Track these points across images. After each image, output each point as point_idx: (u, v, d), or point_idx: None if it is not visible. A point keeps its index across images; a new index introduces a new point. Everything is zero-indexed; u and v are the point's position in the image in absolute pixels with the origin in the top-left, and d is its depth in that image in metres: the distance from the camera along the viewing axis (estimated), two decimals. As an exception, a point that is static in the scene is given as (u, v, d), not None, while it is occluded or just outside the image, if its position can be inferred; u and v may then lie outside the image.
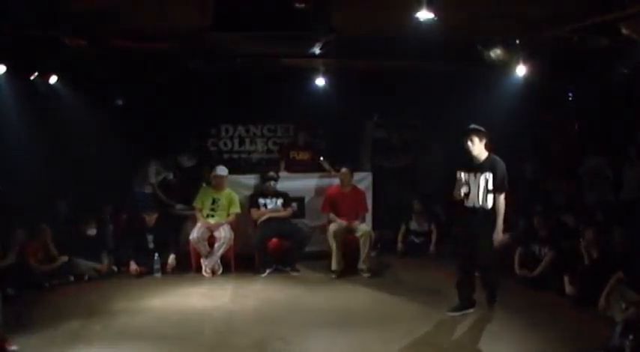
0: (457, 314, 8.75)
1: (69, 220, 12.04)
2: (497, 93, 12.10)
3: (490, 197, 8.43)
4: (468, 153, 8.63)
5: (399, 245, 13.20)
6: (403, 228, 13.33)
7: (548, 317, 8.66)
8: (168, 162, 13.27)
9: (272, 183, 12.10)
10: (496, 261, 9.06)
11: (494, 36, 10.68)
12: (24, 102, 11.54)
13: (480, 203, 8.45)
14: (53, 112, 12.39)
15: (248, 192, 12.35)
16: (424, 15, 8.04)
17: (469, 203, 8.59)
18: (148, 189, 12.98)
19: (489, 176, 8.42)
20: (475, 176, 8.53)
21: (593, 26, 9.44)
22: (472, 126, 8.58)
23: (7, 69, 10.46)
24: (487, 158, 8.53)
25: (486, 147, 8.58)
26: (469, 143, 8.47)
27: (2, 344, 7.31)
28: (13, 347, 7.39)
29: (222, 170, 12.02)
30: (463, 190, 8.59)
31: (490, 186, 8.42)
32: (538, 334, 8.00)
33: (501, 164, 8.48)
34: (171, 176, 13.30)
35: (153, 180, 12.99)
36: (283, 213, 11.91)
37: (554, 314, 8.86)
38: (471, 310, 8.81)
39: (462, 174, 8.68)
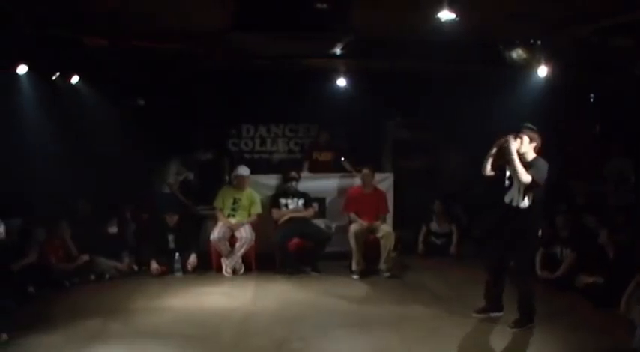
0: (482, 315, 8.64)
1: (90, 219, 12.07)
2: (518, 94, 12.02)
3: (527, 195, 8.26)
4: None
5: (420, 246, 13.19)
6: (424, 229, 13.30)
7: (569, 319, 8.55)
8: (189, 162, 13.25)
9: (293, 183, 12.11)
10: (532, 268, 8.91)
11: (515, 36, 10.63)
12: (45, 102, 11.55)
13: (518, 201, 8.28)
14: (75, 112, 12.40)
15: (269, 192, 12.39)
16: (446, 15, 8.04)
17: (507, 198, 8.39)
18: (168, 189, 12.97)
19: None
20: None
21: (615, 26, 9.39)
22: (527, 124, 8.40)
23: (29, 69, 10.47)
24: (533, 159, 8.32)
25: (535, 149, 8.34)
26: (517, 139, 8.28)
27: None
28: (4, 337, 7.44)
29: (243, 170, 12.02)
30: (507, 183, 8.41)
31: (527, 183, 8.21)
32: (559, 336, 7.92)
33: (544, 166, 8.26)
34: (191, 176, 13.28)
35: (171, 179, 12.96)
36: (304, 214, 11.92)
37: (576, 316, 8.77)
38: (499, 314, 8.62)
39: (507, 170, 8.50)
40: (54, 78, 11.40)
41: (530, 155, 8.26)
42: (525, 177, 7.92)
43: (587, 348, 7.60)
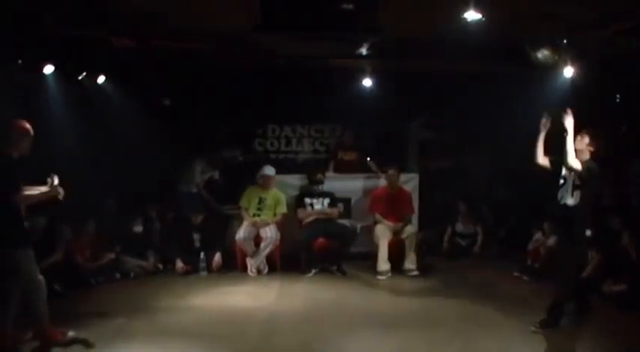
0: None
1: (116, 218, 12.15)
2: (544, 95, 11.95)
3: (576, 193, 8.09)
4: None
5: (445, 246, 13.18)
6: (449, 229, 13.29)
7: (594, 322, 8.49)
8: (214, 161, 13.28)
9: (319, 186, 12.12)
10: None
11: (541, 36, 10.58)
12: (72, 101, 11.60)
13: (566, 198, 8.17)
14: (101, 112, 12.46)
15: (294, 192, 12.42)
16: (471, 15, 8.02)
17: (559, 195, 8.24)
18: (194, 189, 13.01)
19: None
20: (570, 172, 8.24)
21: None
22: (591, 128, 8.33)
23: (55, 69, 10.54)
24: (587, 160, 8.18)
25: (591, 152, 8.20)
26: (579, 136, 8.16)
27: (54, 335, 7.37)
28: (70, 333, 7.48)
29: (269, 170, 12.06)
30: (561, 181, 8.30)
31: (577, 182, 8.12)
32: (586, 338, 7.91)
33: (595, 169, 8.15)
34: (216, 175, 13.31)
35: (199, 179, 13.02)
36: (330, 214, 11.90)
37: (601, 318, 8.68)
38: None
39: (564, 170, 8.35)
40: (80, 78, 11.46)
41: (585, 155, 8.11)
42: (573, 161, 7.83)
43: (613, 350, 7.57)
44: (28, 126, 7.19)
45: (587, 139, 8.09)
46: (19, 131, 7.10)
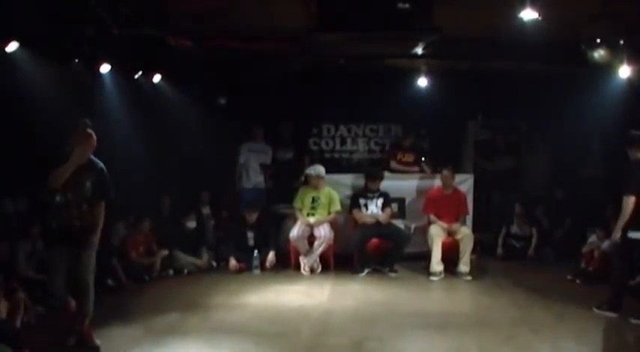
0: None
1: (171, 215, 12.25)
2: (601, 95, 11.81)
3: None
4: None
5: (499, 249, 13.06)
6: (504, 231, 13.18)
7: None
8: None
9: (377, 181, 12.07)
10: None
11: (598, 36, 10.45)
12: (129, 100, 11.71)
13: None
14: (157, 111, 12.58)
15: (348, 192, 12.39)
16: (528, 15, 7.96)
17: None
18: (248, 184, 13.07)
19: None
20: None
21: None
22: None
23: (112, 67, 10.64)
24: None
25: None
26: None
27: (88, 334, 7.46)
28: (97, 342, 7.49)
29: (319, 169, 12.07)
30: None
31: None
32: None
33: None
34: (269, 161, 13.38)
35: (242, 160, 13.11)
36: (382, 219, 11.82)
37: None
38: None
39: None
40: (136, 77, 11.58)
41: None
42: None
43: None
44: (87, 138, 7.22)
45: None
46: (78, 137, 7.15)
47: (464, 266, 11.23)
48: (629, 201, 8.23)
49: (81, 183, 7.14)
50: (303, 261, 11.52)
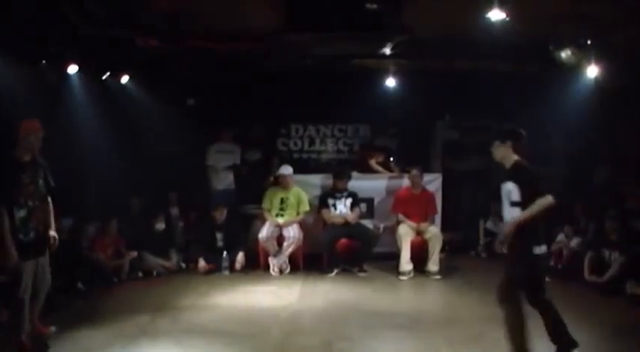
0: None
1: (140, 217, 12.21)
2: (569, 95, 11.90)
3: None
4: None
5: (480, 247, 13.16)
6: (482, 226, 13.23)
7: (617, 325, 8.41)
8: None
9: (344, 180, 12.09)
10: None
11: (565, 36, 10.54)
12: (96, 101, 11.63)
13: None
14: (125, 112, 12.52)
15: (316, 192, 12.42)
16: (496, 15, 8.01)
17: None
18: (220, 186, 13.04)
19: None
20: None
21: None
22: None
23: (79, 68, 10.58)
24: None
25: None
26: None
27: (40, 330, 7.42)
28: (52, 328, 7.54)
29: (286, 169, 12.09)
30: None
31: None
32: (608, 341, 7.83)
33: None
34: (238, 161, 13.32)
35: (210, 162, 13.08)
36: (350, 219, 11.85)
37: (624, 320, 8.65)
38: None
39: None
40: (104, 77, 11.53)
41: None
42: None
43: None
44: (32, 124, 7.10)
45: None
46: (23, 131, 7.04)
47: (433, 266, 11.29)
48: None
49: (36, 184, 7.08)
50: (272, 261, 11.53)
